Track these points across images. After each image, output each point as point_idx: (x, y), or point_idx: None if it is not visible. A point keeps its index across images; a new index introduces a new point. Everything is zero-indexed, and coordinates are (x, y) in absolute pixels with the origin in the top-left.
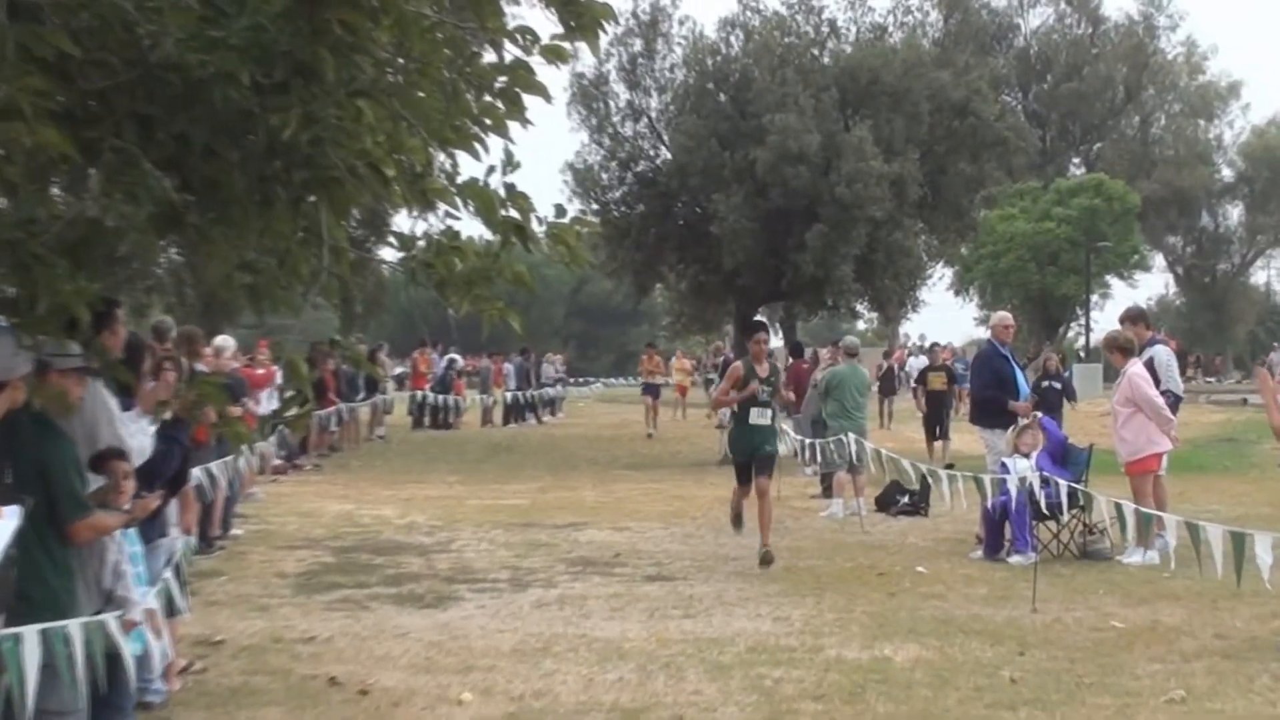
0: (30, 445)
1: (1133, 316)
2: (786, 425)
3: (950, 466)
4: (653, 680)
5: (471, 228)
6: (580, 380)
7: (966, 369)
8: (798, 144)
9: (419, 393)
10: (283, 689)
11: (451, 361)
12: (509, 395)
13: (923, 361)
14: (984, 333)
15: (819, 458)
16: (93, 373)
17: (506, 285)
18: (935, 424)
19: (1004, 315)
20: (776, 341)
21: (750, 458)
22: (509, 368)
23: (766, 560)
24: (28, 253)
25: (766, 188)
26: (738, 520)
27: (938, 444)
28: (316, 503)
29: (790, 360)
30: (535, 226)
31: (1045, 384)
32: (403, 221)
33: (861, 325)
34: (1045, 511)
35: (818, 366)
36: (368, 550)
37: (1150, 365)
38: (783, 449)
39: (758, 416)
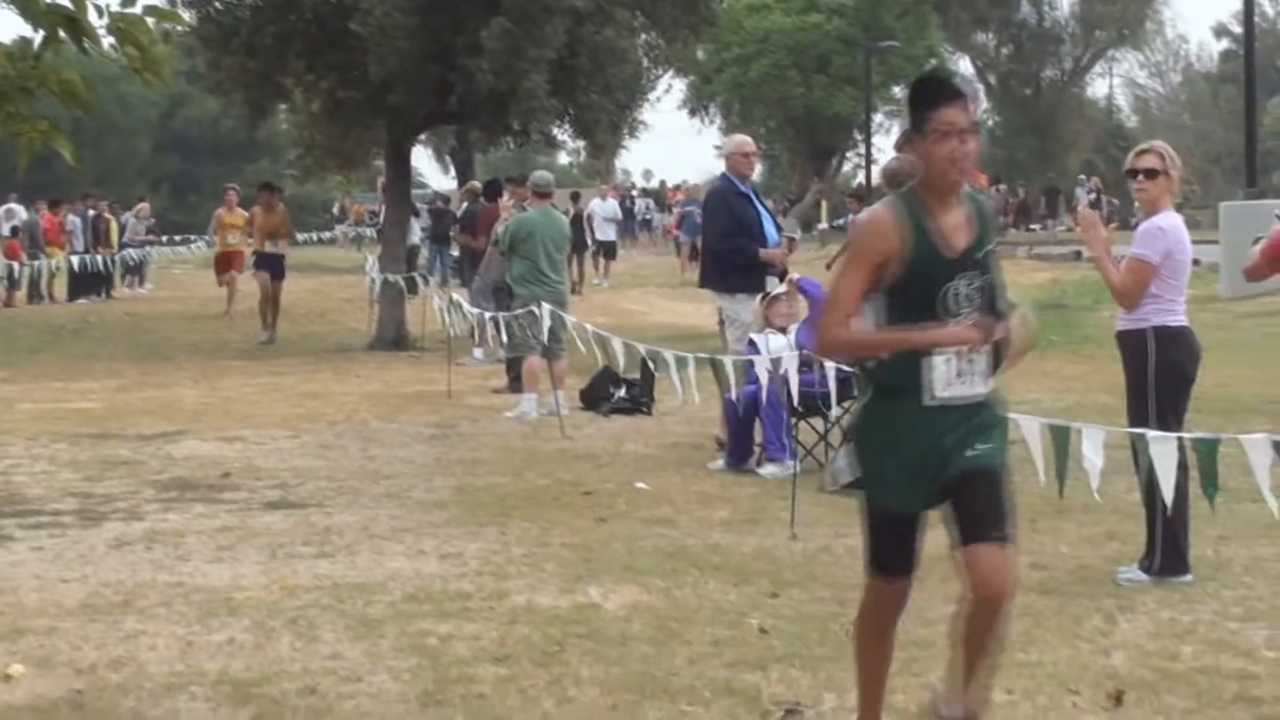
0: None
1: (912, 140)
2: (460, 295)
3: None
4: (275, 642)
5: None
6: (175, 239)
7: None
8: None
9: None
10: None
11: (9, 214)
12: (74, 260)
13: (611, 207)
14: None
15: (503, 337)
16: None
17: (53, 101)
18: None
19: (742, 140)
20: (448, 183)
21: (927, 499)
22: (74, 221)
23: None
24: None
25: None
26: (874, 673)
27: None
28: None
29: (482, 202)
30: (94, 19)
31: None
32: None
33: (565, 159)
34: (803, 406)
35: None
36: None
37: None
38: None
39: (950, 377)
